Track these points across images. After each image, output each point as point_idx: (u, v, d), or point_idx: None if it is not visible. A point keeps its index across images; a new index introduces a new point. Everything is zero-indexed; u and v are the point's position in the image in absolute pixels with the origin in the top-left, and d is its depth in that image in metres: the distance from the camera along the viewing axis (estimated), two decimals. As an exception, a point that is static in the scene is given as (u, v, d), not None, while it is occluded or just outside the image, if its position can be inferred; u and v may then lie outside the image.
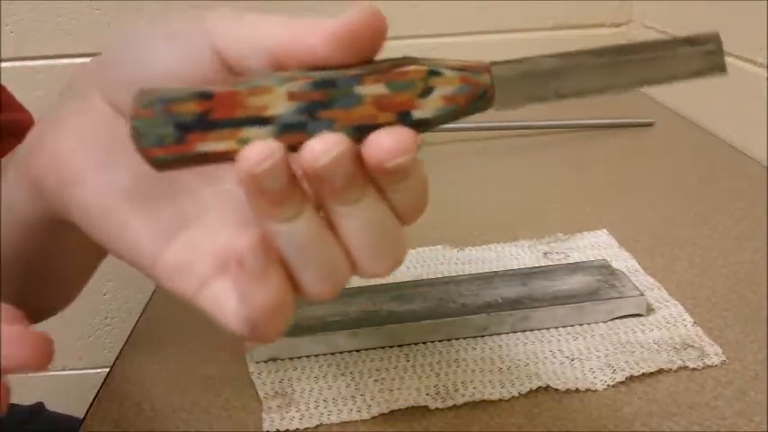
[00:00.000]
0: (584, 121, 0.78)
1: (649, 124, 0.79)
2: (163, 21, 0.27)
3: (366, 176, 0.24)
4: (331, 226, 0.25)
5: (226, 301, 0.26)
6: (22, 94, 0.54)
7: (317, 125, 0.23)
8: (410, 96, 0.24)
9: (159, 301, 0.50)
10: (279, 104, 0.23)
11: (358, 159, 0.23)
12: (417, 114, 0.24)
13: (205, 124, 0.23)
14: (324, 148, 0.22)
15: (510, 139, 0.76)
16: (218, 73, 0.26)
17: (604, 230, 0.54)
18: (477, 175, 0.70)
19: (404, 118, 0.24)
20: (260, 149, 0.22)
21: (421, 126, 0.24)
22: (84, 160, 0.27)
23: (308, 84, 0.23)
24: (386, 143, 0.23)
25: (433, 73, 0.24)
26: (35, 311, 0.43)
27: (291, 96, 0.23)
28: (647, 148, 0.75)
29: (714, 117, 0.76)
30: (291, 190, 0.23)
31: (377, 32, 0.23)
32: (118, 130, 0.27)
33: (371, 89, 0.23)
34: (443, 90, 0.24)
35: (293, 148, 0.23)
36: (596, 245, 0.52)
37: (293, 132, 0.23)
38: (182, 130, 0.23)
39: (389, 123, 0.23)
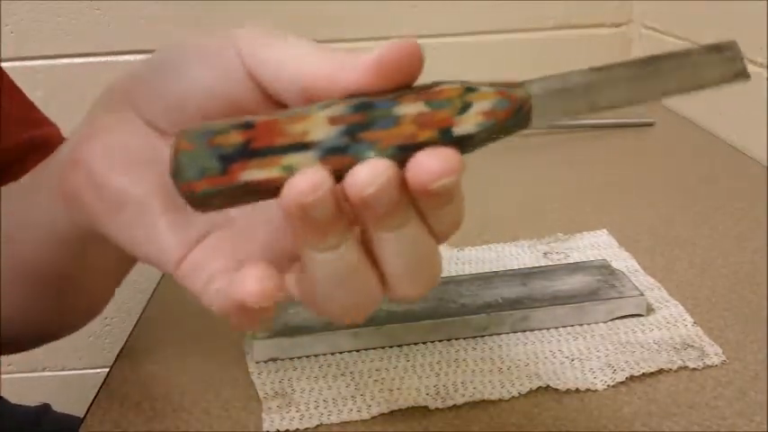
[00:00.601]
0: (585, 121, 0.78)
1: (649, 124, 0.79)
2: (194, 37, 0.27)
3: (409, 201, 0.23)
4: (368, 250, 0.24)
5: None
6: (22, 94, 0.54)
7: (359, 147, 0.23)
8: (449, 113, 0.23)
9: (159, 301, 0.50)
10: (320, 129, 0.23)
11: (402, 184, 0.23)
12: (458, 131, 0.23)
13: (248, 153, 0.23)
14: (370, 175, 0.22)
15: (510, 139, 0.76)
16: (251, 91, 0.25)
17: (604, 230, 0.54)
18: (476, 175, 0.69)
19: (445, 135, 0.23)
20: (310, 179, 0.22)
21: (463, 144, 0.24)
22: (122, 173, 0.27)
23: (347, 107, 0.23)
24: (430, 164, 0.22)
25: (469, 90, 0.24)
26: (62, 326, 0.44)
27: (332, 121, 0.23)
28: (647, 148, 0.75)
29: (714, 117, 0.76)
30: (337, 219, 0.23)
31: (415, 63, 0.23)
32: (152, 144, 0.27)
33: (410, 108, 0.23)
34: (481, 105, 0.24)
35: (336, 172, 0.23)
36: (596, 245, 0.52)
37: (336, 155, 0.23)
38: (225, 161, 0.23)
39: (430, 141, 0.23)
